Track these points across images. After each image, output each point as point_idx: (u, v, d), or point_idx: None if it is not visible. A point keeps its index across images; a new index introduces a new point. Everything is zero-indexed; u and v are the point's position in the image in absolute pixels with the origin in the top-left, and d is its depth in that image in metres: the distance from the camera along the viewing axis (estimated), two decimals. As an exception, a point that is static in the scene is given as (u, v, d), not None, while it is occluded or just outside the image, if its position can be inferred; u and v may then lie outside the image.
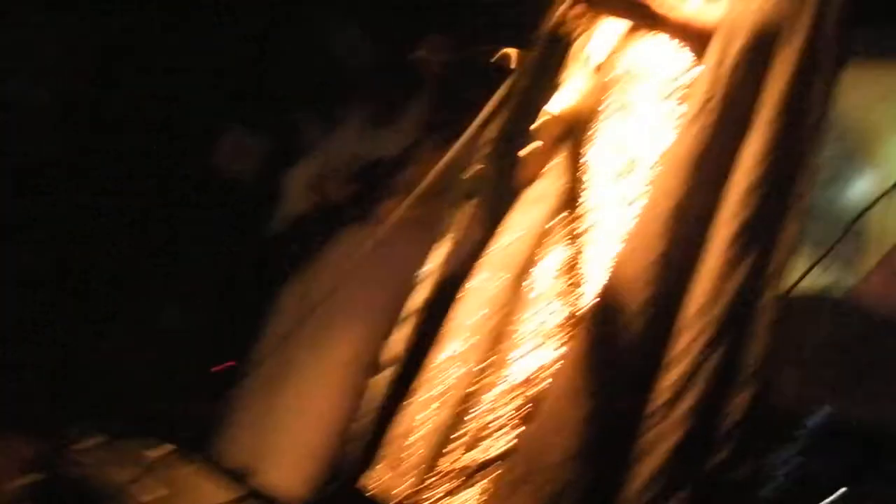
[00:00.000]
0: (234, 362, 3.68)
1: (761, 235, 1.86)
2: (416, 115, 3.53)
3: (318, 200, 3.62)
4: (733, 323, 1.82)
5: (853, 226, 3.12)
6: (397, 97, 3.61)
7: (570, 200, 2.13)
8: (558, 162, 2.20)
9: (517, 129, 2.15)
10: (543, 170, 2.23)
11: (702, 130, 1.89)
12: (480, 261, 2.24)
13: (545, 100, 2.24)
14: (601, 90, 2.16)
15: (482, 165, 1.94)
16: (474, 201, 1.95)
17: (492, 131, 1.98)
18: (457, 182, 2.04)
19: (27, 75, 4.21)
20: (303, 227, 3.66)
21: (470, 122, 2.08)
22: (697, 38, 2.00)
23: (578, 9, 2.12)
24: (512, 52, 2.19)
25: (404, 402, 2.19)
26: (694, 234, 1.87)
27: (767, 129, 1.88)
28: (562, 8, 2.11)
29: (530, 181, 2.26)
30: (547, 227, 2.16)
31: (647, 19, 2.05)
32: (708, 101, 1.89)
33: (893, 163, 4.07)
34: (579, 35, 2.24)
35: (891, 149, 4.07)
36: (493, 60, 2.23)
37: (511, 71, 2.09)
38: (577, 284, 2.08)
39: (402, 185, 3.34)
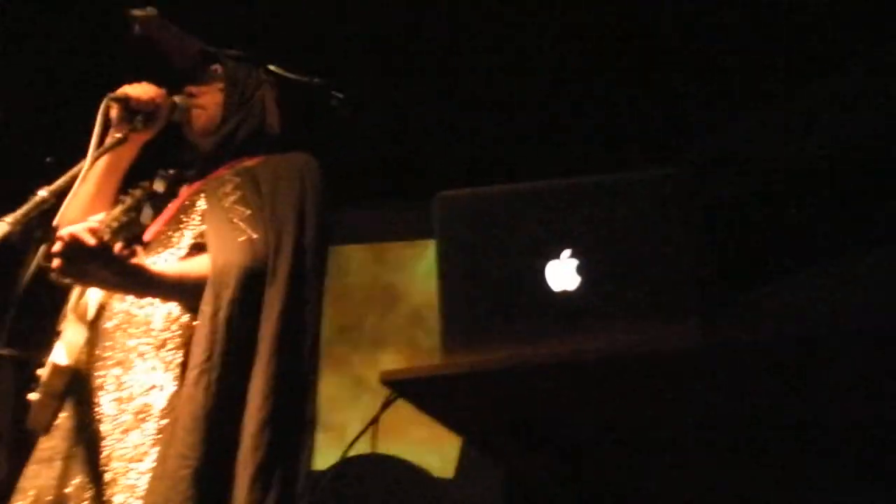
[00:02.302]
0: None
1: (278, 471, 1.92)
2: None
3: None
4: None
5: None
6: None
7: (82, 458, 2.00)
8: (66, 417, 2.06)
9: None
10: (54, 425, 2.08)
11: (209, 386, 1.92)
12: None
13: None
14: (99, 340, 2.08)
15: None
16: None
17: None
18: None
19: None
20: None
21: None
22: (188, 291, 2.00)
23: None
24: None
25: None
26: (217, 491, 1.88)
27: (267, 367, 1.96)
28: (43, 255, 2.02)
29: (41, 432, 2.11)
30: (65, 490, 2.00)
31: (141, 285, 1.98)
32: (210, 356, 1.93)
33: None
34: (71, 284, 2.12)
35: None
36: None
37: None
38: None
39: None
